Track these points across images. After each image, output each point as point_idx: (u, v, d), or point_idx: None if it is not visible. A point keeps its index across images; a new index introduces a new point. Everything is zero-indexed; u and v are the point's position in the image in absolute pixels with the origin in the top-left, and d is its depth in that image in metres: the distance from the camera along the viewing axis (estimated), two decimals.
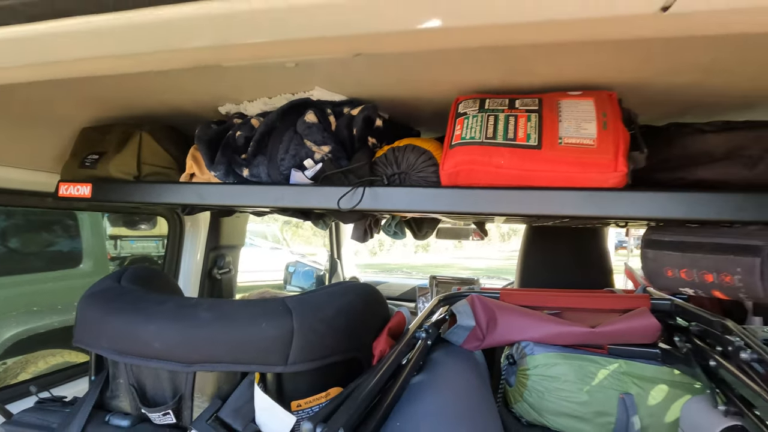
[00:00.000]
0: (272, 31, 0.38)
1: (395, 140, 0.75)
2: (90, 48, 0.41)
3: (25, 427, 0.69)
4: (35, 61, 0.45)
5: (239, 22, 0.36)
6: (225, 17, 0.35)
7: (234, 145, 0.74)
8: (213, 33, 0.38)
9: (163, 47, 0.41)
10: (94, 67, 0.48)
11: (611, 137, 0.55)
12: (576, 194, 0.55)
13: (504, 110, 0.61)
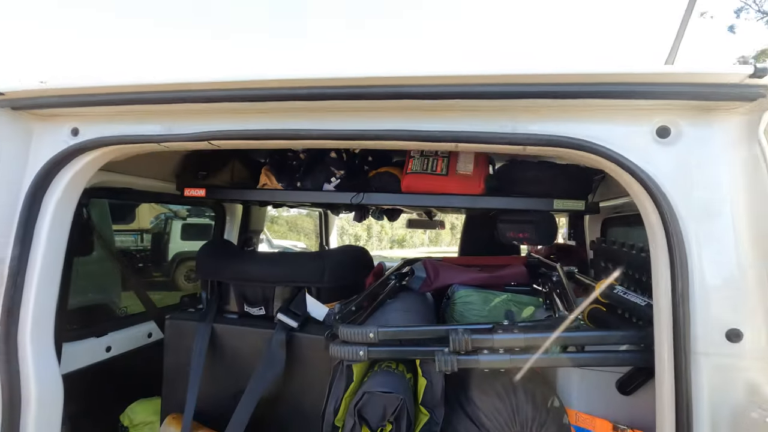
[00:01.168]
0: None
1: (379, 167, 1.38)
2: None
3: (182, 320, 1.30)
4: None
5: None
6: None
7: (291, 167, 1.35)
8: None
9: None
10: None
11: (478, 171, 1.20)
12: (461, 197, 1.20)
13: (431, 155, 1.25)
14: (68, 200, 1.04)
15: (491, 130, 0.81)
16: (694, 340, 0.70)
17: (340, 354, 0.98)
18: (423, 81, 0.76)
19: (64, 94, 0.96)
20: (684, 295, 0.70)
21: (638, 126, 0.75)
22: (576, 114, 0.78)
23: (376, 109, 0.85)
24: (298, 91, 0.80)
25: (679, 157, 0.74)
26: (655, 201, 0.73)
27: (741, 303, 0.69)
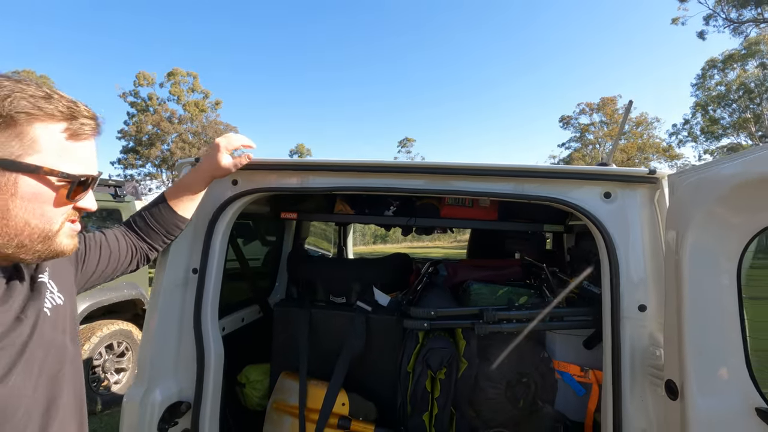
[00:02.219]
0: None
1: (422, 200, 1.94)
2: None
3: (286, 306, 1.83)
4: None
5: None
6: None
7: (360, 198, 1.91)
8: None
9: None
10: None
11: (493, 204, 1.78)
12: (482, 222, 1.78)
13: (465, 200, 1.83)
14: (228, 227, 1.56)
15: (506, 191, 1.38)
16: (622, 311, 1.28)
17: (412, 326, 1.55)
18: (462, 167, 1.34)
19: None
20: (616, 285, 1.29)
21: (593, 192, 1.33)
22: (558, 185, 1.35)
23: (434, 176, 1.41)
24: (382, 168, 1.37)
25: (615, 209, 1.32)
26: (602, 233, 1.32)
27: (646, 289, 1.28)
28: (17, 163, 0.66)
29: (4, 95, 0.64)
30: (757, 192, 0.86)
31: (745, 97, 27.64)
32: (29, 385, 0.72)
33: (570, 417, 1.57)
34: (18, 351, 0.71)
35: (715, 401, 0.95)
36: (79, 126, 0.73)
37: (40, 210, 0.71)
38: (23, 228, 0.70)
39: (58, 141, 0.71)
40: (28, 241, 0.71)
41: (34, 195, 0.69)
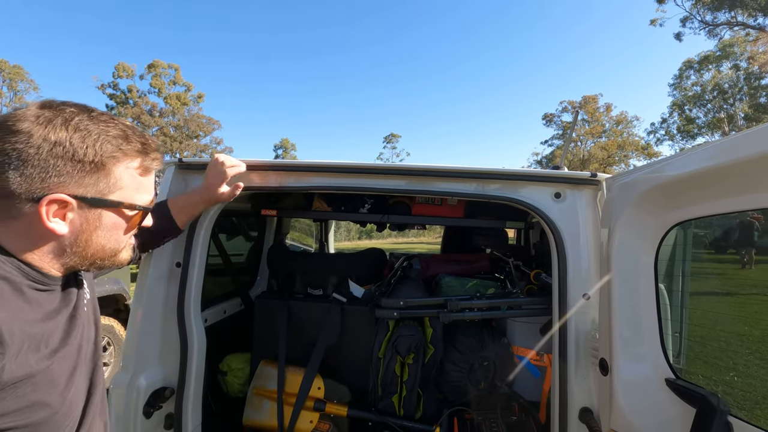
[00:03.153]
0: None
1: (395, 198, 2.07)
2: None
3: (266, 299, 1.94)
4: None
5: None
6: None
7: (336, 197, 2.02)
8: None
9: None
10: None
11: (460, 203, 1.92)
12: (449, 219, 1.91)
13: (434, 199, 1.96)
14: (210, 222, 1.65)
15: (470, 191, 1.52)
16: (568, 299, 1.44)
17: (382, 315, 1.67)
18: (431, 168, 1.47)
19: None
20: (564, 276, 1.43)
21: (545, 193, 1.48)
22: (515, 186, 1.49)
23: (407, 177, 1.54)
24: (356, 169, 1.49)
25: (564, 208, 1.47)
26: (552, 229, 1.46)
27: (588, 279, 1.43)
28: (104, 201, 0.75)
29: (93, 140, 0.72)
30: (666, 194, 1.01)
31: (720, 98, 28.56)
32: (84, 383, 0.81)
33: (527, 397, 1.72)
34: (76, 351, 0.79)
35: (635, 373, 1.10)
36: (150, 162, 0.82)
37: (115, 236, 0.80)
38: (98, 251, 0.79)
39: (133, 177, 0.79)
40: (98, 260, 0.80)
41: (113, 225, 0.79)
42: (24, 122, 0.68)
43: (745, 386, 2.92)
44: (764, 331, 3.63)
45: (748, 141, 0.81)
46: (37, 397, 0.67)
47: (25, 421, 0.65)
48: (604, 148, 35.61)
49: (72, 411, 0.76)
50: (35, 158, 0.67)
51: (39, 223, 0.70)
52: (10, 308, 0.65)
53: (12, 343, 0.62)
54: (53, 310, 0.76)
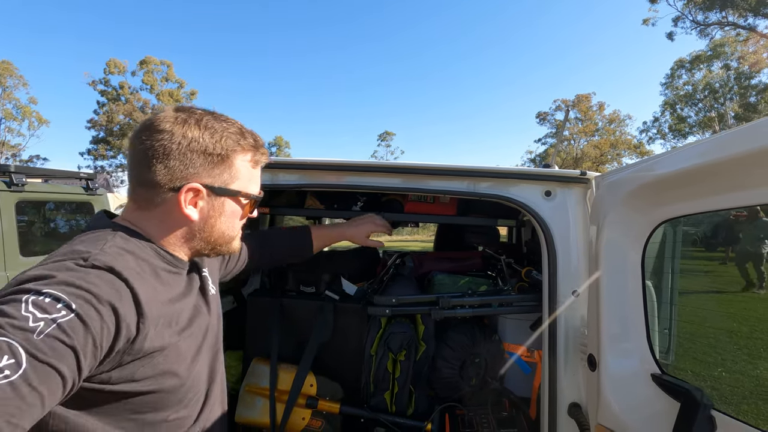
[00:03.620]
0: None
1: (388, 196, 2.07)
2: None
3: (258, 296, 1.94)
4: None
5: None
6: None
7: (329, 194, 2.02)
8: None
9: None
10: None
11: (453, 201, 1.93)
12: (442, 216, 1.92)
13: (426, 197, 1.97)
14: None
15: (461, 189, 1.53)
16: (558, 296, 1.45)
17: (375, 312, 1.68)
18: (423, 167, 1.48)
19: None
20: (553, 273, 1.45)
21: (535, 191, 1.49)
22: (506, 184, 1.50)
23: (398, 174, 1.54)
24: (348, 167, 1.49)
25: (554, 206, 1.48)
26: (542, 227, 1.48)
27: (577, 276, 1.45)
28: (228, 190, 0.87)
29: (218, 137, 0.83)
30: (653, 192, 1.02)
31: (711, 97, 28.87)
32: (207, 361, 0.91)
33: (518, 393, 1.74)
34: (202, 334, 0.89)
35: (622, 368, 1.12)
36: (260, 156, 0.93)
37: (232, 223, 0.91)
38: (220, 237, 0.90)
39: (248, 169, 0.90)
40: (218, 245, 0.91)
41: (232, 212, 0.90)
42: (166, 123, 0.80)
43: (733, 381, 2.97)
44: (752, 327, 3.69)
45: (733, 139, 0.82)
46: (167, 367, 0.76)
47: (158, 387, 0.75)
48: (596, 146, 35.87)
49: (196, 386, 0.85)
50: (177, 152, 0.80)
51: (177, 210, 0.82)
52: (149, 287, 0.75)
53: (151, 316, 0.72)
54: (181, 293, 0.86)
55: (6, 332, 0.56)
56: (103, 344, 0.64)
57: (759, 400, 2.67)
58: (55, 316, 0.59)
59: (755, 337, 3.62)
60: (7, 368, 0.54)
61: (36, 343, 0.57)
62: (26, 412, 0.55)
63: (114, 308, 0.66)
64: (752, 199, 0.83)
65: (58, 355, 0.58)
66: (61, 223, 4.79)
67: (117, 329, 0.66)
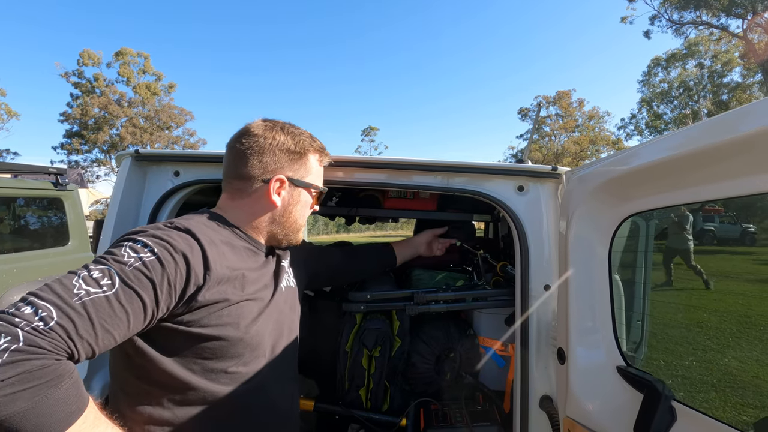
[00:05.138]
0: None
1: (364, 191, 2.05)
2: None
3: None
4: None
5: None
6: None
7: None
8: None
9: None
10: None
11: (432, 196, 1.92)
12: (422, 212, 1.91)
13: (407, 193, 1.96)
14: (171, 217, 1.60)
15: (435, 185, 1.52)
16: (530, 291, 1.46)
17: (349, 308, 1.67)
18: (396, 162, 1.46)
19: (171, 154, 1.54)
20: (525, 268, 1.46)
21: (508, 186, 1.49)
22: (479, 179, 1.50)
23: (372, 169, 1.53)
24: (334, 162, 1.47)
25: (527, 201, 1.49)
26: (515, 222, 1.48)
27: (550, 271, 1.46)
28: (303, 182, 1.07)
29: (297, 139, 1.05)
30: (619, 186, 1.03)
31: (685, 95, 29.71)
32: (268, 329, 1.01)
33: (492, 386, 1.75)
34: (264, 305, 1.00)
35: (589, 361, 1.13)
36: (325, 156, 1.15)
37: (303, 212, 1.10)
38: (293, 223, 1.09)
39: (316, 166, 1.11)
40: (291, 232, 1.09)
41: (305, 202, 1.10)
42: (258, 129, 1.03)
43: (703, 370, 3.08)
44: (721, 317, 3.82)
45: (695, 134, 0.83)
46: (229, 320, 0.90)
47: (219, 334, 0.88)
48: (576, 142, 36.51)
49: (253, 347, 0.96)
50: (268, 150, 1.02)
51: (265, 197, 1.02)
52: (219, 252, 0.89)
53: (216, 272, 0.86)
54: (252, 267, 1.00)
55: (109, 263, 0.76)
56: (177, 285, 0.80)
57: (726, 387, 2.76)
58: (142, 255, 0.78)
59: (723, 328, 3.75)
60: (106, 286, 0.72)
61: (127, 272, 0.75)
62: (116, 324, 0.72)
63: (186, 258, 0.82)
64: (717, 192, 0.84)
65: (141, 284, 0.75)
66: (32, 220, 4.62)
67: (188, 275, 0.81)
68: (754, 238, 3.96)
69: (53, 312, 0.66)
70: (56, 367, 0.64)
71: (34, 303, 0.66)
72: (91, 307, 0.69)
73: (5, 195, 4.10)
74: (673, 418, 0.89)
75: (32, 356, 0.61)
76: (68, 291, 0.69)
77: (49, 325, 0.64)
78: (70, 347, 0.67)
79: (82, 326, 0.68)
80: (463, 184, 1.52)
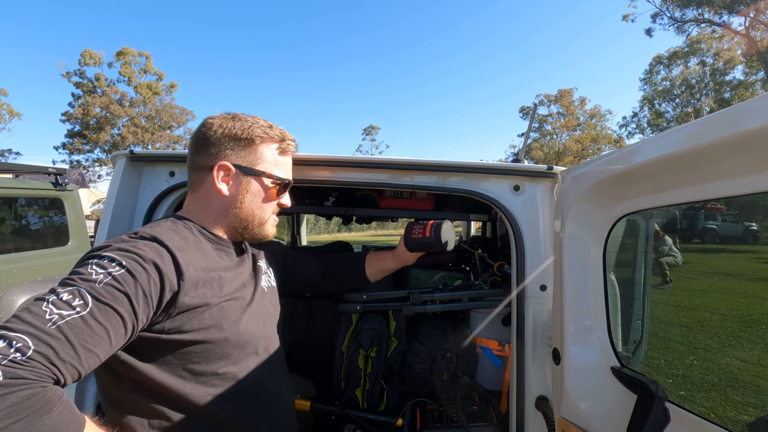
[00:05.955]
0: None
1: (360, 191, 2.05)
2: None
3: None
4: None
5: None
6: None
7: (300, 190, 1.99)
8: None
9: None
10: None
11: (429, 196, 1.92)
12: (418, 212, 1.91)
13: (404, 193, 1.95)
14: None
15: (431, 184, 1.51)
16: (526, 291, 1.45)
17: (345, 308, 1.66)
18: (392, 161, 1.46)
19: (166, 154, 1.53)
20: (522, 268, 1.45)
21: (504, 185, 1.49)
22: (475, 179, 1.50)
23: (367, 169, 1.52)
24: (318, 162, 1.46)
25: (523, 200, 1.48)
26: (510, 221, 1.47)
27: (546, 271, 1.45)
28: (252, 170, 1.02)
29: (248, 125, 1.02)
30: (613, 186, 1.02)
31: (687, 93, 29.58)
32: (256, 328, 1.01)
33: (489, 387, 1.75)
34: (246, 303, 1.00)
35: (583, 362, 1.13)
36: (286, 145, 1.08)
37: (258, 203, 1.05)
38: (249, 215, 1.04)
39: (273, 155, 1.06)
40: (250, 225, 1.05)
41: (258, 191, 1.04)
42: (211, 119, 1.03)
43: (703, 369, 3.06)
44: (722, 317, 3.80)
45: (689, 133, 0.82)
46: (212, 322, 0.90)
47: (203, 337, 0.88)
48: (578, 141, 36.43)
49: (241, 346, 0.96)
50: (214, 138, 1.00)
51: (213, 187, 1.00)
52: (189, 255, 0.89)
53: (189, 277, 0.86)
54: (226, 266, 1.00)
55: (77, 283, 0.73)
56: (152, 294, 0.79)
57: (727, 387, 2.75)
58: (110, 270, 0.76)
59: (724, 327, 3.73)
60: (78, 307, 0.70)
61: (98, 289, 0.73)
62: (97, 342, 0.71)
63: (156, 266, 0.81)
64: (714, 192, 0.83)
65: (115, 299, 0.74)
66: (32, 220, 4.62)
67: (161, 283, 0.81)
68: (757, 237, 3.94)
69: (28, 341, 0.64)
70: (44, 394, 0.63)
71: (5, 336, 0.64)
72: (67, 329, 0.68)
73: (6, 195, 4.11)
74: (666, 419, 0.88)
75: (16, 388, 0.60)
76: (40, 318, 0.67)
77: (27, 355, 0.63)
78: (54, 373, 0.66)
79: (62, 350, 0.66)
80: (459, 184, 1.51)
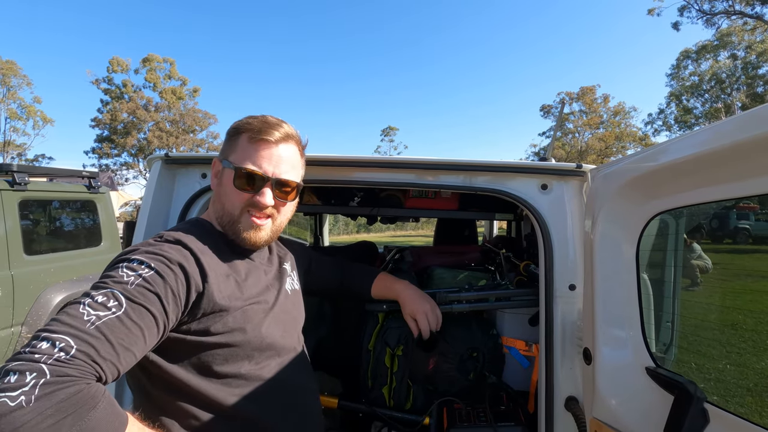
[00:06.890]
0: None
1: (385, 191, 2.07)
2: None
3: None
4: None
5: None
6: None
7: (325, 190, 2.02)
8: None
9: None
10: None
11: (454, 195, 1.92)
12: (444, 212, 1.91)
13: (428, 192, 1.96)
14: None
15: (457, 184, 1.52)
16: (555, 290, 1.44)
17: (372, 308, 1.68)
18: (419, 161, 1.47)
19: (199, 156, 1.59)
20: (550, 267, 1.44)
21: (532, 184, 1.48)
22: (502, 178, 1.49)
23: (394, 169, 1.54)
24: (346, 162, 1.49)
25: (551, 199, 1.47)
26: (539, 221, 1.46)
27: (575, 271, 1.44)
28: (225, 160, 1.02)
29: (244, 119, 1.03)
30: (647, 184, 1.01)
31: (717, 88, 28.50)
32: (278, 332, 1.03)
33: (516, 387, 1.74)
34: (269, 307, 1.03)
35: (616, 362, 1.11)
36: (256, 134, 1.00)
37: (227, 193, 1.01)
38: (221, 209, 1.02)
39: (243, 144, 1.01)
40: (228, 221, 1.01)
41: (226, 182, 1.01)
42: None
43: (737, 374, 2.95)
44: (757, 320, 3.66)
45: (728, 129, 0.80)
46: (236, 326, 0.93)
47: (228, 340, 0.91)
48: (601, 139, 35.58)
49: (263, 349, 0.98)
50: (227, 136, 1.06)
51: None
52: (211, 258, 0.93)
53: (213, 279, 0.89)
54: (247, 269, 1.03)
55: (110, 285, 0.77)
56: (180, 294, 0.83)
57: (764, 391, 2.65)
58: (140, 272, 0.80)
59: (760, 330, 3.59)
60: (114, 307, 0.74)
61: (130, 290, 0.77)
62: (133, 340, 0.75)
63: (182, 267, 0.85)
64: (749, 189, 0.81)
65: (147, 299, 0.78)
66: (66, 222, 4.82)
67: (188, 283, 0.85)
68: None
69: (70, 341, 0.67)
70: (89, 389, 0.66)
71: (48, 337, 0.67)
72: (105, 329, 0.71)
73: (42, 198, 4.30)
74: (705, 420, 0.87)
75: (63, 385, 0.63)
76: (78, 320, 0.70)
77: (71, 354, 0.66)
78: (96, 370, 0.69)
79: (102, 349, 0.70)
80: (485, 183, 1.51)
